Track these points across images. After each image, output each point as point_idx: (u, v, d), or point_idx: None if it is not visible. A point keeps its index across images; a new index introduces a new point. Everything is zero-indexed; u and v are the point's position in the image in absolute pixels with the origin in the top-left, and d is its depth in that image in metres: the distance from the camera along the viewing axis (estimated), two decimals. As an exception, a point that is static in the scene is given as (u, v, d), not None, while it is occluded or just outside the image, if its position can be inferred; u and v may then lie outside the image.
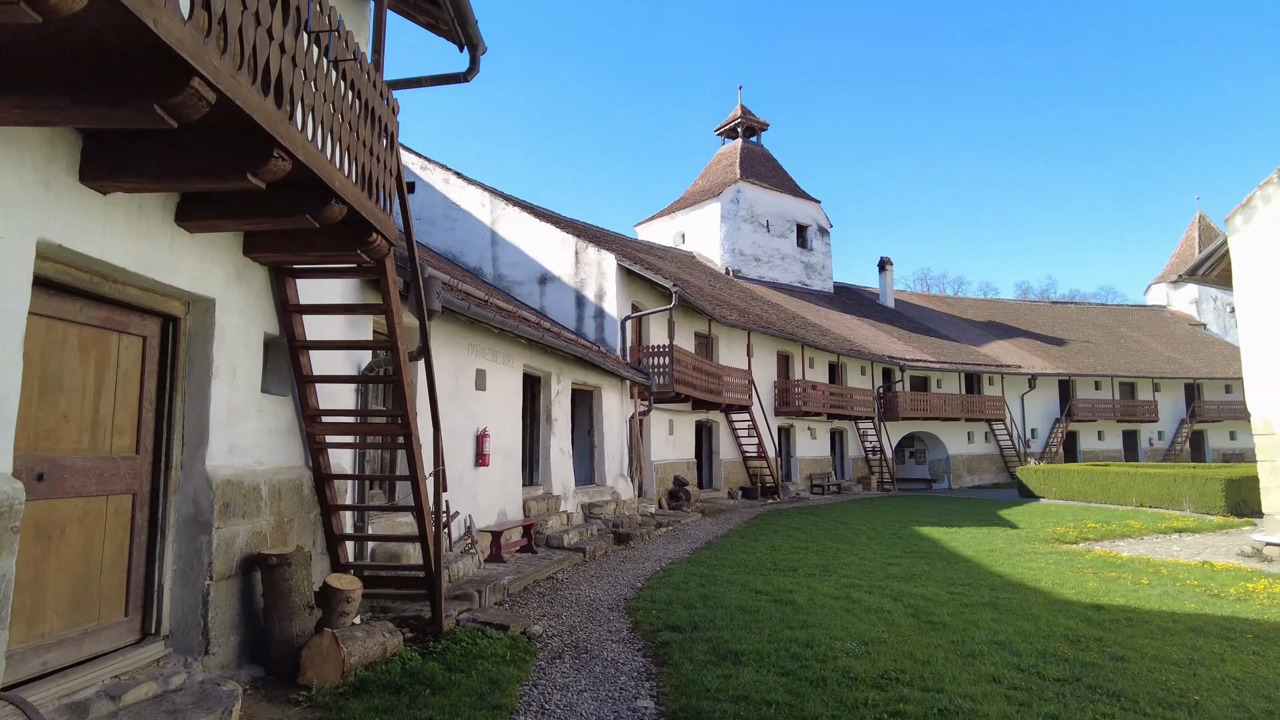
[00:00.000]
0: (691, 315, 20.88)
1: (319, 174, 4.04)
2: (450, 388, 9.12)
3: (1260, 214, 13.36)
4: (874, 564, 10.92)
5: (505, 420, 10.61)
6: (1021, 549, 12.93)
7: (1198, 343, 42.54)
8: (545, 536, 11.00)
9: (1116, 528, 15.85)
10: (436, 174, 17.73)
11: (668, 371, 16.27)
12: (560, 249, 16.67)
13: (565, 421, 12.89)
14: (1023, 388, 35.68)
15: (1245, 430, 39.87)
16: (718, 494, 21.56)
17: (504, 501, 10.45)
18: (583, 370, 13.63)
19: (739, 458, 22.73)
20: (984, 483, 33.68)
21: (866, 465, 29.67)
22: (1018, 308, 47.20)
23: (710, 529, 15.08)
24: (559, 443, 12.49)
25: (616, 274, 16.17)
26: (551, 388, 12.39)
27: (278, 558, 4.81)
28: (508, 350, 10.71)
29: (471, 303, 7.89)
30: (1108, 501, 22.09)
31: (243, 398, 5.10)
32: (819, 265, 38.27)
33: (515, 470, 10.85)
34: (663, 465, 18.41)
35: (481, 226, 17.27)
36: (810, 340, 25.48)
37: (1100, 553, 12.65)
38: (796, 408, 24.47)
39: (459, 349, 9.35)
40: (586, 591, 8.57)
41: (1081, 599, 8.56)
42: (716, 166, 38.68)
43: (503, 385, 10.59)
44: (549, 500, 11.77)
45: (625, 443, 15.74)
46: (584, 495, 13.23)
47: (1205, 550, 13.53)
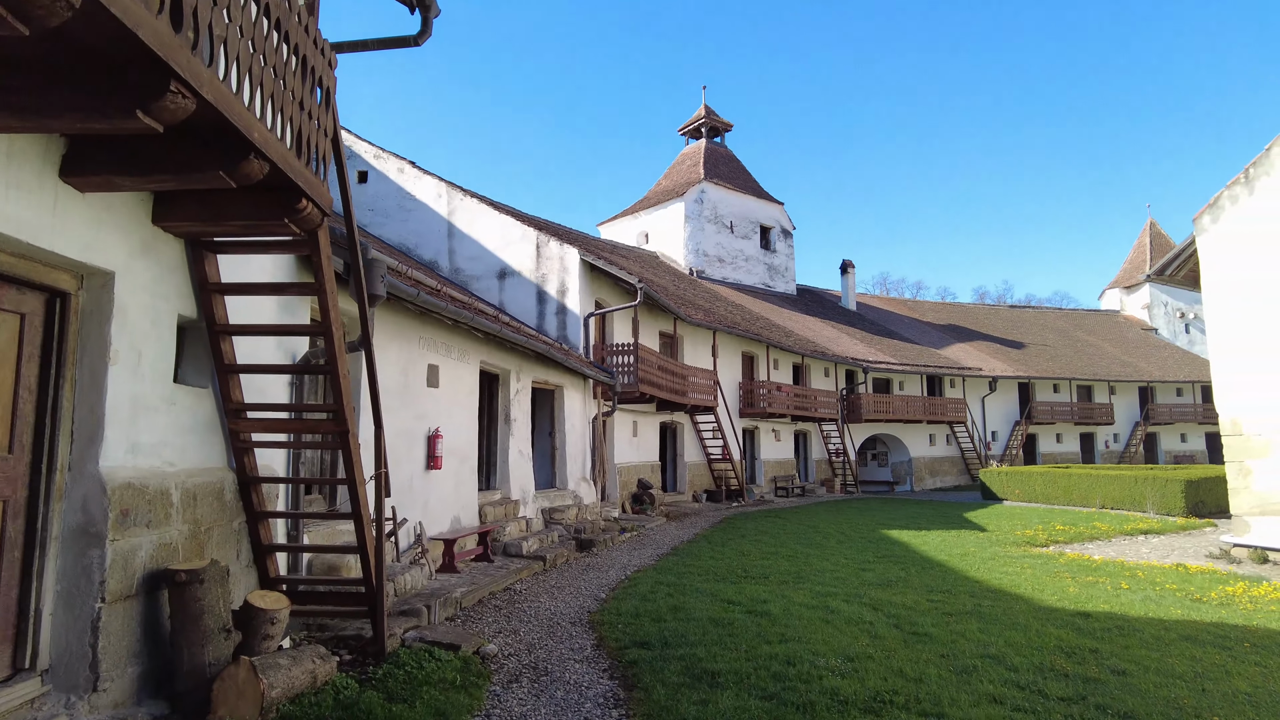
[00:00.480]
0: (656, 314, 20.36)
1: (233, 120, 3.39)
2: (399, 384, 8.44)
3: (1228, 214, 13.31)
4: (847, 570, 10.49)
5: (460, 420, 9.95)
6: (994, 553, 12.64)
7: (1150, 346, 43.41)
8: (503, 544, 10.35)
9: (1084, 530, 15.71)
10: (390, 163, 16.94)
11: (632, 371, 15.71)
12: (520, 243, 16.01)
13: (525, 422, 12.25)
14: (983, 390, 35.93)
15: (1196, 433, 40.83)
16: (682, 497, 21.06)
17: (458, 507, 9.78)
18: (544, 368, 13.00)
19: (704, 460, 22.26)
20: (945, 485, 33.78)
21: (830, 467, 29.48)
22: (977, 311, 47.71)
23: (676, 534, 14.55)
24: (518, 444, 11.85)
25: (579, 269, 15.58)
26: (510, 386, 11.75)
27: (187, 574, 4.13)
28: (463, 345, 10.05)
29: (422, 290, 7.25)
30: (1070, 503, 22.12)
31: (150, 388, 4.40)
32: (782, 267, 38.10)
33: (470, 473, 10.18)
34: (626, 468, 17.84)
35: (437, 218, 16.53)
36: (775, 341, 25.17)
37: (1073, 556, 12.43)
38: (761, 409, 24.12)
39: (409, 342, 8.67)
40: (547, 604, 7.95)
41: (1066, 606, 8.21)
42: (680, 166, 38.29)
43: (457, 382, 9.92)
44: (507, 505, 11.11)
45: (588, 444, 15.14)
46: (544, 500, 12.60)
47: (1174, 552, 13.42)
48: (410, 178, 16.81)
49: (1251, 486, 12.88)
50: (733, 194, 36.15)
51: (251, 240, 4.91)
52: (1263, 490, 12.74)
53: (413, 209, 16.64)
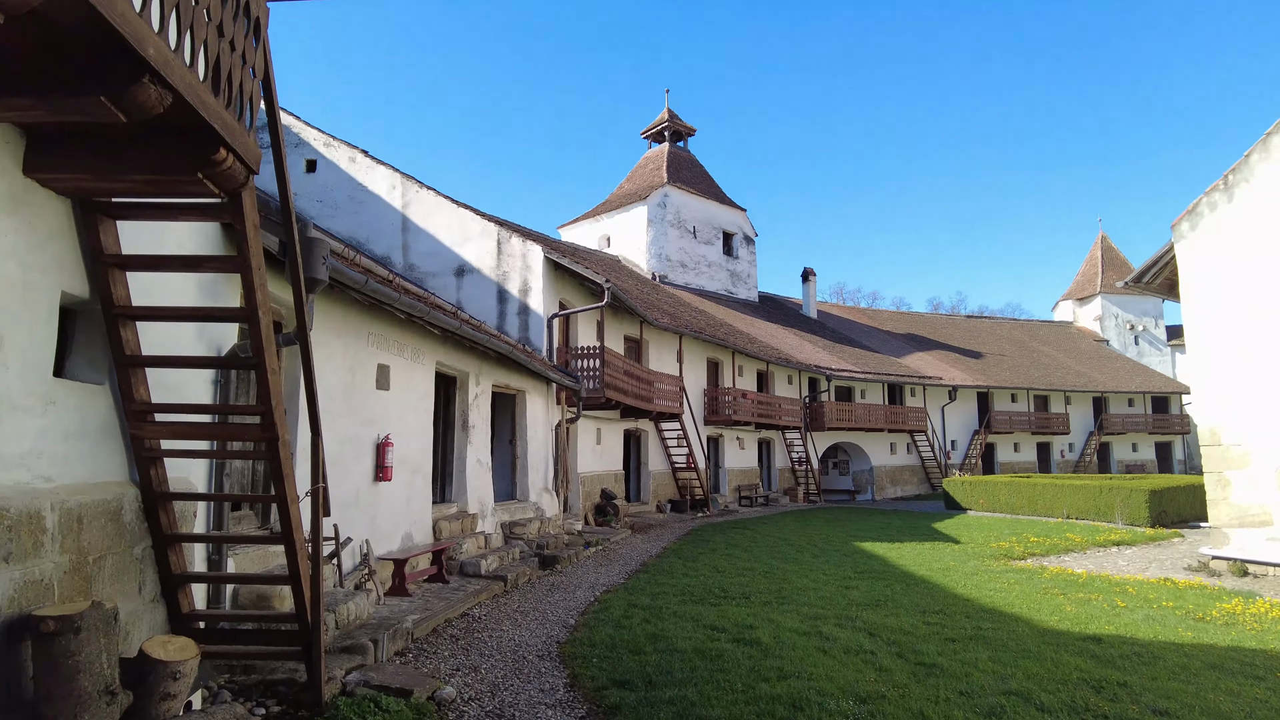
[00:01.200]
0: (621, 317, 19.60)
1: (116, 24, 2.54)
2: (345, 385, 7.53)
3: (1206, 221, 13.10)
4: (830, 588, 9.85)
5: (413, 426, 9.04)
6: (974, 567, 12.16)
7: (1102, 358, 44.15)
8: (459, 563, 9.45)
9: (1058, 542, 15.39)
10: (341, 152, 15.90)
11: (598, 375, 14.92)
12: (480, 238, 15.12)
13: (484, 429, 11.37)
14: (943, 399, 35.96)
15: (1146, 443, 41.56)
16: (646, 507, 20.29)
17: (409, 523, 8.86)
18: (505, 371, 12.13)
19: (668, 469, 21.53)
20: (906, 494, 33.64)
21: (793, 476, 29.02)
22: (934, 321, 48.04)
23: (643, 548, 13.78)
24: (476, 453, 10.96)
25: (543, 268, 14.74)
26: (469, 390, 10.86)
27: (57, 621, 3.22)
28: (417, 343, 9.15)
29: (371, 278, 6.37)
30: (1034, 514, 21.96)
31: (16, 384, 3.47)
32: (744, 274, 37.71)
33: (424, 485, 9.27)
34: (590, 477, 17.02)
35: (391, 211, 15.54)
36: (740, 347, 24.62)
37: (1055, 570, 12.00)
38: (726, 416, 23.51)
39: (356, 339, 7.76)
40: (510, 633, 7.10)
41: (1071, 628, 7.66)
42: (643, 170, 37.68)
43: (411, 385, 9.02)
44: (464, 520, 10.21)
45: (550, 453, 14.29)
46: (504, 513, 11.71)
47: (1151, 564, 13.12)
48: (362, 168, 15.79)
49: (1230, 498, 12.63)
50: (696, 198, 35.65)
51: (158, 202, 4.01)
52: (1242, 502, 12.50)
53: (364, 201, 15.62)
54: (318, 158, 15.94)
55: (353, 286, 6.20)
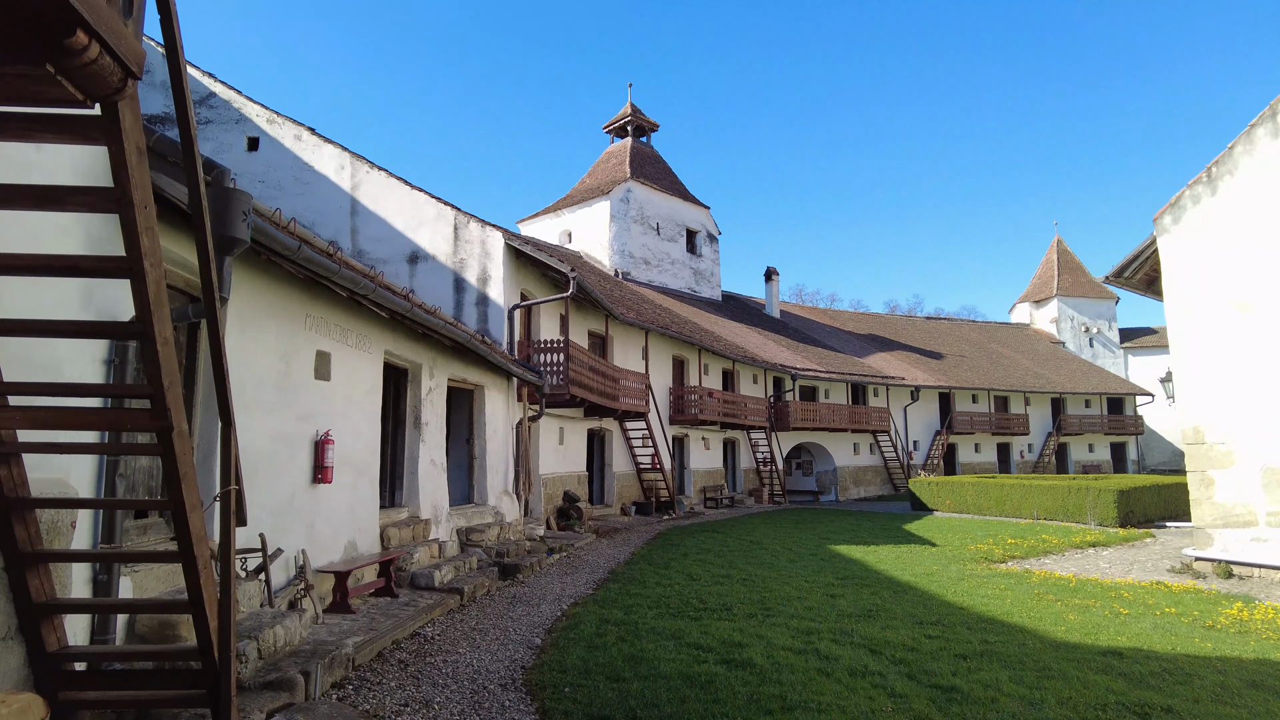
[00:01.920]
0: (585, 312, 18.75)
1: None
2: (278, 373, 6.56)
3: (1190, 214, 12.77)
4: (814, 596, 9.14)
5: (358, 422, 8.08)
6: (959, 572, 11.59)
7: (1059, 359, 44.64)
8: (410, 574, 8.50)
9: (1035, 544, 14.99)
10: (286, 129, 14.75)
11: (562, 370, 14.04)
12: (436, 223, 14.12)
13: (439, 427, 10.42)
14: (905, 399, 35.83)
15: (1102, 443, 42.08)
16: (610, 510, 19.45)
17: (354, 530, 7.90)
18: (462, 364, 11.19)
19: (633, 470, 20.72)
20: (869, 495, 33.36)
21: (757, 477, 28.45)
22: (895, 322, 48.12)
23: (609, 553, 12.94)
24: (430, 453, 10.01)
25: (504, 256, 13.81)
26: (422, 383, 9.90)
27: None
28: (363, 329, 8.19)
29: (307, 246, 5.44)
30: (1003, 515, 21.69)
31: None
32: (708, 272, 37.12)
33: (370, 488, 8.31)
34: (552, 479, 16.11)
35: (339, 193, 14.45)
36: (706, 345, 23.93)
37: (1041, 573, 11.50)
38: (692, 416, 22.79)
39: (292, 321, 6.79)
40: (468, 657, 6.21)
41: (1081, 639, 7.06)
42: (605, 165, 36.84)
43: (356, 375, 8.06)
44: (416, 526, 9.26)
45: (511, 453, 13.36)
46: (461, 518, 10.76)
47: (1133, 566, 12.74)
48: (308, 146, 14.67)
49: (1214, 497, 12.30)
50: (659, 195, 34.94)
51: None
52: (1226, 501, 12.17)
53: (311, 182, 14.51)
54: (260, 135, 14.77)
55: (282, 253, 5.25)
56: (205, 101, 14.66)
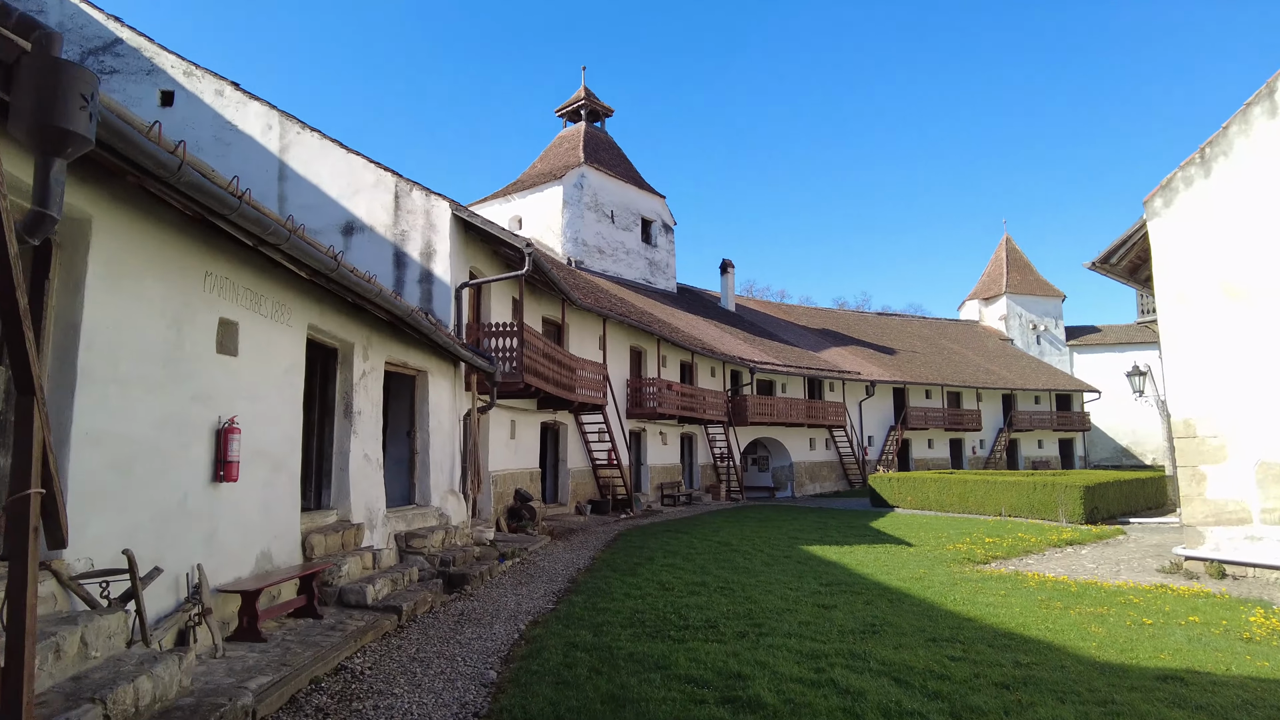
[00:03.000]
0: (540, 297, 17.46)
1: None
2: (164, 343, 5.19)
3: (1182, 197, 12.16)
4: (805, 608, 8.11)
5: (275, 408, 6.71)
6: (948, 575, 10.74)
7: (1008, 356, 44.96)
8: (338, 590, 7.17)
9: (1013, 543, 14.31)
10: (206, 83, 13.09)
11: (516, 357, 12.74)
12: (374, 190, 12.66)
13: (374, 417, 9.06)
14: (861, 395, 35.40)
15: (1050, 439, 42.47)
16: (564, 509, 18.21)
17: (268, 537, 6.53)
18: (402, 345, 9.84)
19: (589, 466, 19.51)
20: (825, 491, 32.79)
21: (715, 473, 27.52)
22: (848, 317, 47.88)
23: (567, 558, 11.73)
24: (364, 447, 8.65)
25: (451, 229, 12.45)
26: (355, 366, 8.54)
27: None
28: (281, 296, 6.82)
29: (193, 170, 4.10)
30: (966, 511, 21.17)
31: None
32: (663, 263, 36.06)
33: (290, 487, 6.94)
34: (502, 476, 14.81)
35: (266, 156, 12.87)
36: (665, 335, 22.85)
37: (1033, 576, 10.71)
38: (650, 409, 21.68)
39: (185, 277, 5.42)
40: (406, 699, 4.95)
41: (1121, 659, 6.15)
42: (557, 149, 35.45)
43: (271, 351, 6.69)
44: (346, 532, 7.90)
45: (458, 448, 12.03)
46: (400, 521, 9.42)
47: (1119, 566, 12.11)
48: (232, 103, 13.04)
49: (1205, 493, 11.71)
50: (614, 181, 33.72)
51: None
52: (1218, 497, 11.60)
53: (233, 143, 12.90)
54: (175, 89, 13.07)
55: (154, 172, 3.90)
56: (110, 49, 12.91)
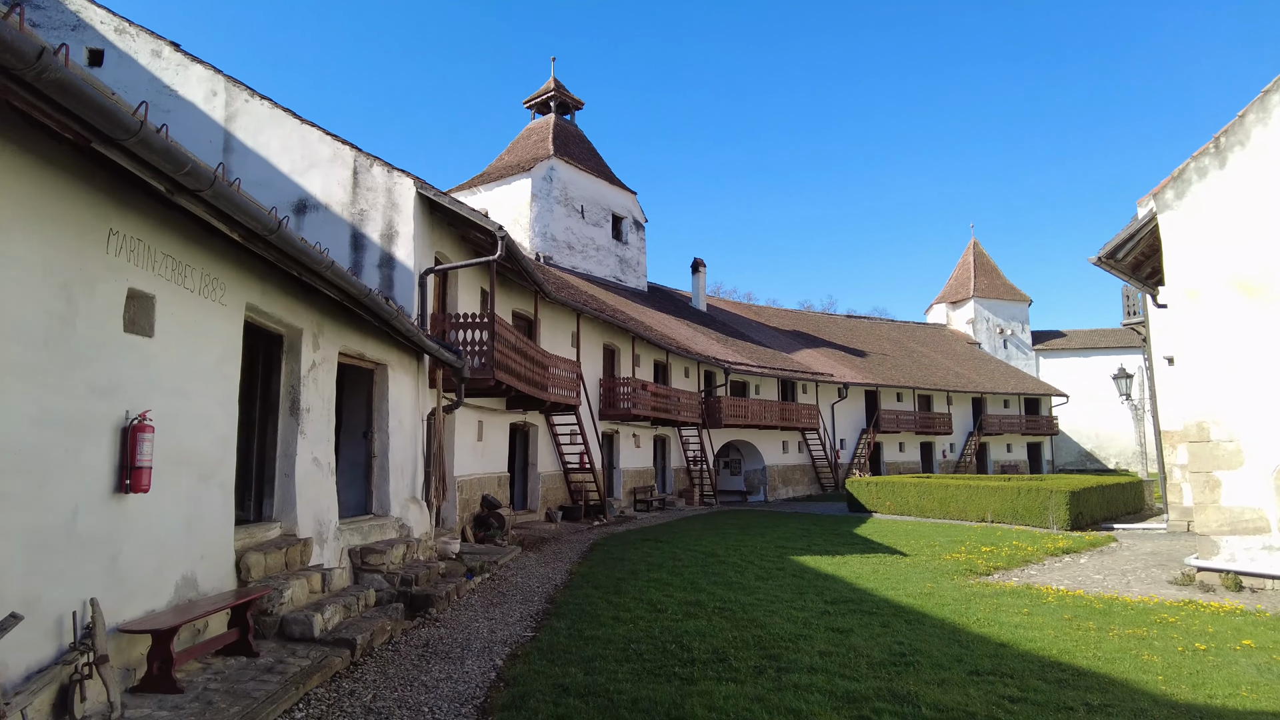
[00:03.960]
0: (510, 290, 16.35)
1: None
2: (47, 315, 4.04)
3: (1195, 189, 11.55)
4: (818, 633, 7.18)
5: (202, 403, 5.56)
6: (957, 589, 9.92)
7: (977, 360, 44.88)
8: (280, 619, 6.02)
9: (1010, 552, 13.60)
10: (141, 43, 11.75)
11: (486, 351, 11.63)
12: (330, 166, 11.45)
13: (326, 415, 7.91)
14: (833, 397, 34.81)
15: (1019, 443, 42.45)
16: (534, 516, 17.09)
17: (192, 559, 5.38)
18: (359, 334, 8.69)
19: (560, 470, 18.41)
20: (798, 495, 32.09)
21: (688, 477, 26.60)
22: (817, 319, 47.42)
23: (542, 573, 10.66)
24: (313, 449, 7.49)
25: (415, 209, 11.30)
26: (303, 355, 7.38)
27: None
28: (213, 267, 5.67)
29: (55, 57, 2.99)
30: (948, 517, 20.55)
31: None
32: (634, 261, 35.07)
33: (221, 497, 5.78)
34: (469, 481, 13.66)
35: (209, 125, 11.57)
36: (640, 333, 21.87)
37: (1048, 591, 9.96)
38: (624, 410, 20.66)
39: (80, 234, 4.27)
40: (357, 777, 3.87)
41: (1199, 698, 5.32)
42: (526, 141, 34.26)
43: (200, 334, 5.54)
44: (291, 549, 6.75)
45: (421, 450, 10.89)
46: (355, 534, 8.26)
47: (1127, 578, 11.46)
48: (170, 66, 11.72)
49: (1220, 501, 11.08)
50: (585, 175, 32.64)
51: None
52: (1233, 505, 10.97)
53: (173, 110, 11.57)
54: (105, 47, 11.71)
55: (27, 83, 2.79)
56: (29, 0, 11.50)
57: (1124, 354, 45.31)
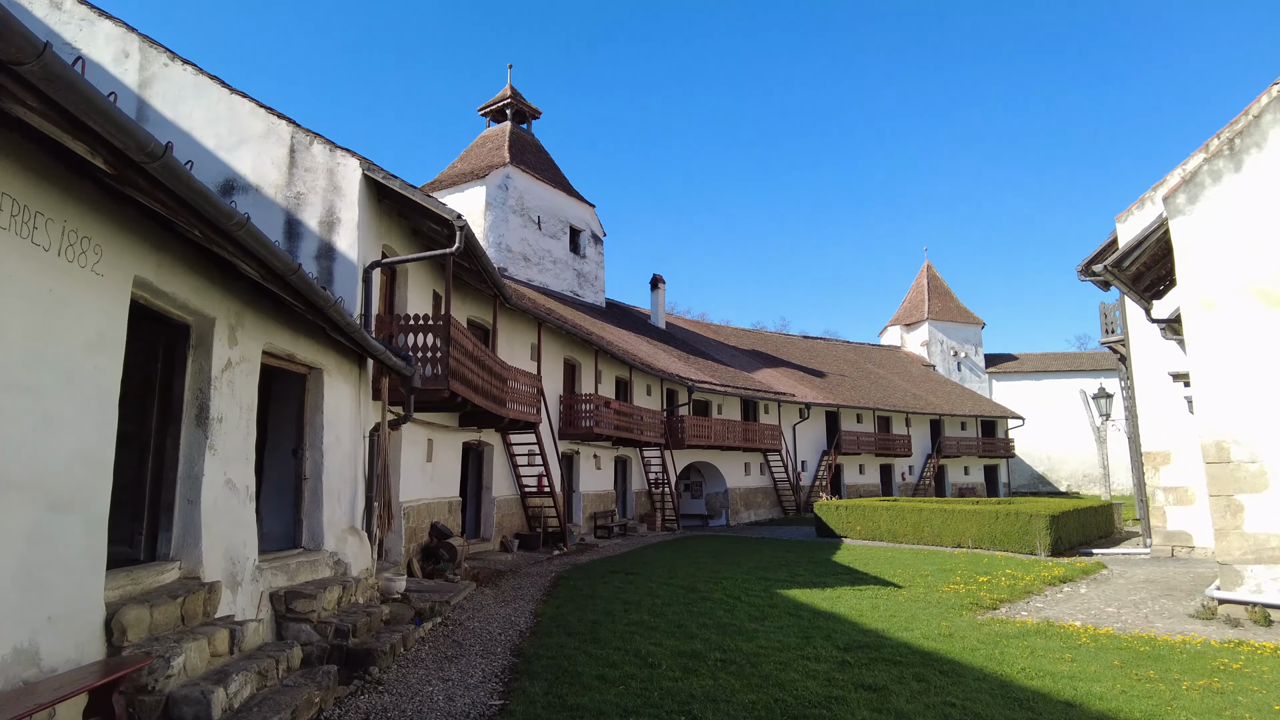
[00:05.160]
0: (465, 295, 14.92)
1: None
2: None
3: (1209, 192, 10.84)
4: (849, 692, 5.93)
5: (59, 406, 4.08)
6: (975, 628, 8.81)
7: (933, 382, 44.73)
8: (164, 699, 4.49)
9: (1009, 582, 12.62)
10: (35, -4, 10.10)
11: (440, 359, 10.18)
12: (264, 143, 9.94)
13: (245, 427, 6.39)
14: (795, 418, 33.96)
15: (976, 466, 42.25)
16: (488, 546, 15.52)
17: (34, 622, 3.85)
18: (289, 330, 7.20)
19: (517, 494, 16.89)
20: (760, 518, 30.99)
21: (649, 500, 25.25)
22: (776, 339, 46.78)
23: (503, 615, 9.19)
24: (226, 469, 5.97)
25: (361, 194, 9.85)
26: (215, 352, 5.88)
27: None
28: (82, 222, 4.22)
29: None
30: (923, 542, 19.65)
31: None
32: (592, 275, 33.80)
33: (85, 535, 4.26)
34: (416, 507, 12.11)
35: (120, 90, 9.96)
36: (604, 346, 20.56)
37: (1078, 629, 8.92)
38: (585, 429, 19.26)
39: None
40: None
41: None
42: (480, 149, 32.84)
43: (55, 310, 4.07)
44: (191, 596, 5.21)
45: (362, 472, 9.36)
46: (279, 574, 6.71)
47: (1144, 611, 10.55)
48: (73, 20, 10.08)
49: (1243, 527, 10.25)
50: (541, 185, 31.34)
51: None
52: (1258, 531, 10.14)
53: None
54: (-8, 2, 10.01)
55: None
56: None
57: (1076, 377, 45.78)
